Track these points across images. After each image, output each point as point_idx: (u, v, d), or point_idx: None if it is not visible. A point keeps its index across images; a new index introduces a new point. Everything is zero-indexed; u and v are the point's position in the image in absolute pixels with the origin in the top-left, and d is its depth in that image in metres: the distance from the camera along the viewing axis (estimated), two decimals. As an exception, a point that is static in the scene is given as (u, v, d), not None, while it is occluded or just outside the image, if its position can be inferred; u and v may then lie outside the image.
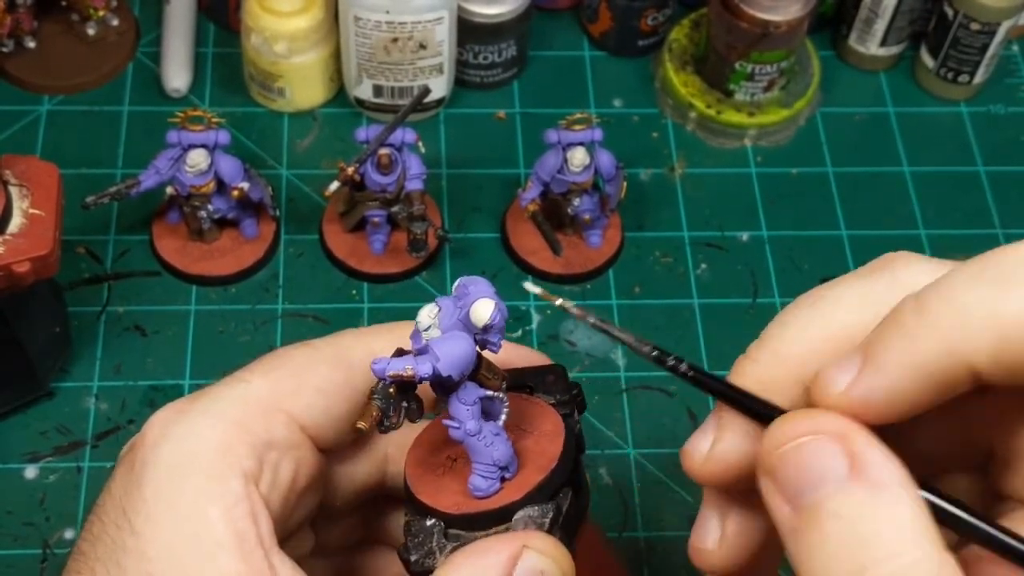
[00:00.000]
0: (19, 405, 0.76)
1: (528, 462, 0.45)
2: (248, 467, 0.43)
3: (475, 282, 0.42)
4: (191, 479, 0.42)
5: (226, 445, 0.43)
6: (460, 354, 0.42)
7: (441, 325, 0.42)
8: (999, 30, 0.89)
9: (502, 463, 0.44)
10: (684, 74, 0.92)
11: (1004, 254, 0.37)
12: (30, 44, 0.90)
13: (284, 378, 0.46)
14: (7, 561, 0.71)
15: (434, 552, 0.44)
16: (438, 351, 0.41)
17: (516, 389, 0.46)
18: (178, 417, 0.44)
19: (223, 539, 0.41)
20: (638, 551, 0.74)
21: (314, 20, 0.86)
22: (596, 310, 0.84)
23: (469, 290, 0.42)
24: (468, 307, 0.42)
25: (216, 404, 0.45)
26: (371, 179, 0.79)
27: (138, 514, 0.42)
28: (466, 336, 0.42)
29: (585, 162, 0.79)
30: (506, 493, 0.44)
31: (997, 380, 0.37)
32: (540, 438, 0.45)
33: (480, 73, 0.92)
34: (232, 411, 0.44)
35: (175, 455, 0.43)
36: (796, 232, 0.88)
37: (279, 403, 0.45)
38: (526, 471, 0.44)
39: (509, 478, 0.44)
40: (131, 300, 0.81)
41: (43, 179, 0.69)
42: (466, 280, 0.43)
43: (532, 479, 0.44)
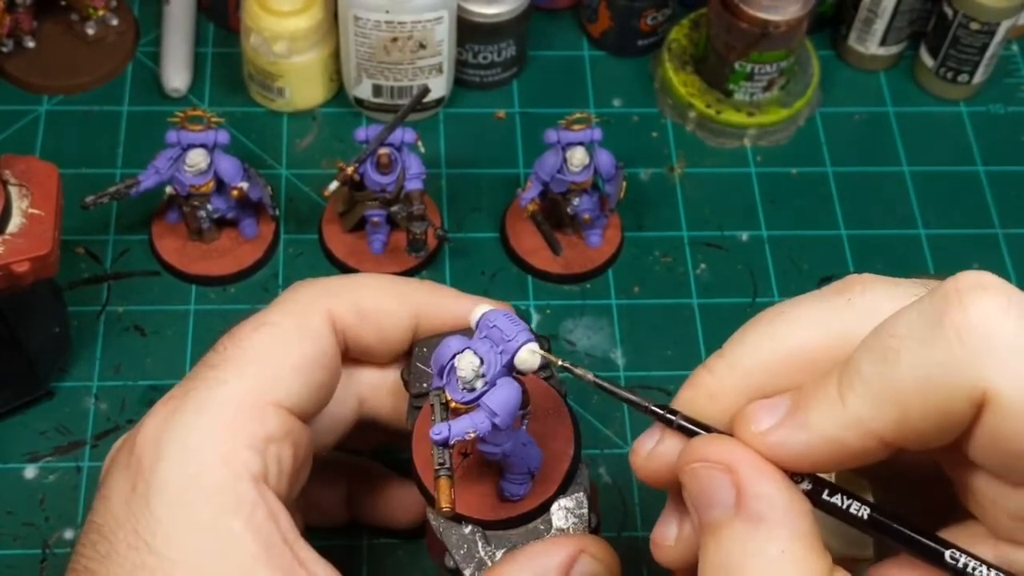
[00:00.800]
0: (19, 405, 0.76)
1: (543, 447, 0.45)
2: (254, 469, 0.43)
3: (505, 321, 0.42)
4: (204, 495, 0.42)
5: (227, 453, 0.43)
6: (514, 403, 0.42)
7: (486, 375, 0.42)
8: (999, 30, 0.89)
9: (535, 468, 0.44)
10: (684, 74, 0.92)
11: (891, 322, 0.38)
12: (29, 44, 0.90)
13: (260, 369, 0.46)
14: (7, 561, 0.71)
15: (485, 562, 0.44)
16: (495, 407, 0.41)
17: None
18: (169, 430, 0.44)
19: (252, 549, 0.42)
20: (638, 551, 0.74)
21: (313, 20, 0.86)
22: (595, 310, 0.85)
23: (504, 332, 0.42)
24: (512, 354, 0.41)
25: (204, 413, 0.44)
26: (370, 179, 0.79)
27: (155, 535, 0.42)
28: (514, 385, 0.42)
29: (585, 162, 0.79)
30: (537, 489, 0.44)
31: (909, 446, 0.38)
32: (546, 419, 0.45)
33: (479, 73, 0.92)
34: (222, 416, 0.44)
35: (180, 472, 0.43)
36: (796, 232, 0.88)
37: (264, 396, 0.45)
38: (546, 458, 0.45)
39: (536, 473, 0.45)
40: (131, 300, 0.81)
41: (42, 179, 0.69)
42: (491, 316, 0.42)
43: (558, 473, 0.44)
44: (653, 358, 0.81)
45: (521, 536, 0.45)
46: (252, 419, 0.45)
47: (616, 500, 0.76)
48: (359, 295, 0.49)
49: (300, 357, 0.47)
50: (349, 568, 0.70)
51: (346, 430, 0.54)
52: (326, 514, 0.62)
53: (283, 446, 0.45)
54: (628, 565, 0.73)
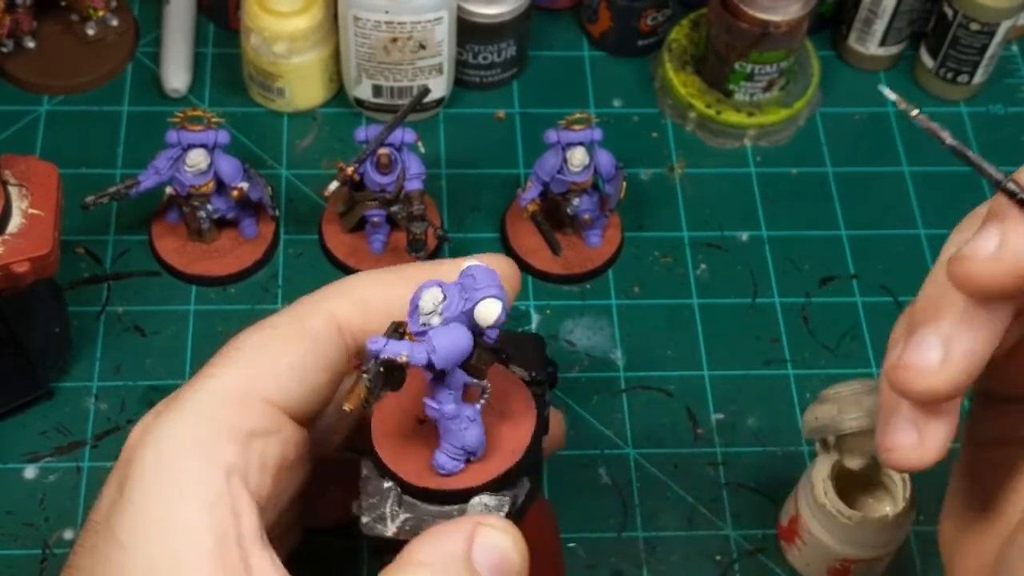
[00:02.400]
0: (19, 405, 0.76)
1: (495, 447, 0.44)
2: (231, 461, 0.43)
3: (483, 273, 0.42)
4: (171, 481, 0.42)
5: (204, 443, 0.43)
6: (457, 349, 0.41)
7: (444, 313, 0.41)
8: (999, 30, 0.89)
9: (471, 448, 0.43)
10: (684, 74, 0.92)
11: None
12: (29, 44, 0.90)
13: (252, 364, 0.46)
14: (7, 561, 0.71)
15: (385, 518, 0.43)
16: (436, 343, 0.41)
17: (493, 353, 0.45)
18: (155, 422, 0.44)
19: (205, 545, 0.41)
20: (638, 551, 0.74)
21: (313, 20, 0.86)
22: (595, 310, 0.85)
23: (477, 281, 0.42)
24: (474, 303, 0.41)
25: (189, 404, 0.44)
26: (370, 179, 0.79)
27: (123, 526, 0.42)
28: (466, 332, 0.41)
29: (585, 162, 0.79)
30: (468, 475, 0.44)
31: None
32: (511, 422, 0.44)
33: (480, 73, 0.92)
34: (206, 408, 0.44)
35: (155, 460, 0.43)
36: (796, 232, 0.88)
37: (252, 390, 0.45)
38: (492, 456, 0.44)
39: (475, 460, 0.44)
40: (131, 300, 0.81)
41: (42, 179, 0.69)
42: (474, 268, 0.42)
43: (495, 467, 0.43)
44: (653, 358, 0.81)
45: (433, 514, 0.44)
46: (235, 412, 0.44)
47: (616, 500, 0.76)
48: (363, 292, 0.49)
49: (298, 357, 0.46)
50: (349, 568, 0.70)
51: (351, 430, 0.54)
52: (328, 514, 0.62)
53: (269, 442, 0.44)
54: (628, 565, 0.74)
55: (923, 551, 0.75)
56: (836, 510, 0.68)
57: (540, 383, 0.47)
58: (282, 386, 0.46)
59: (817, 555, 0.71)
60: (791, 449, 0.78)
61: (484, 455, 0.44)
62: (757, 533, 0.75)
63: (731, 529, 0.75)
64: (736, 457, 0.78)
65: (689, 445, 0.78)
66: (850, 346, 0.83)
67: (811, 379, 0.81)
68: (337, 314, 0.47)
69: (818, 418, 0.68)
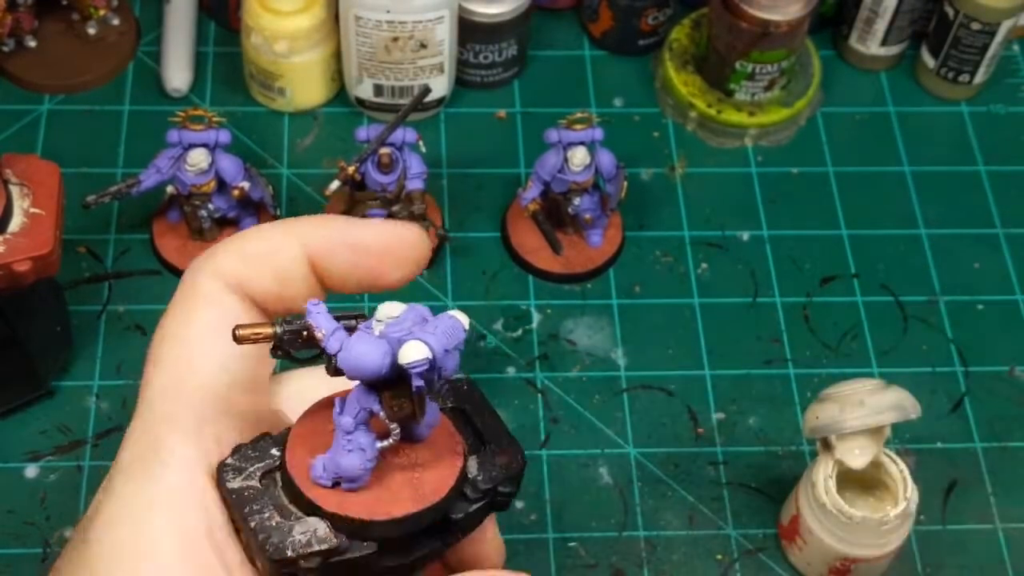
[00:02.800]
0: (20, 404, 0.76)
1: (381, 492, 0.41)
2: (187, 455, 0.42)
3: (446, 323, 0.39)
4: (133, 483, 0.42)
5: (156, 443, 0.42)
6: (363, 360, 0.39)
7: (387, 328, 0.39)
8: (1000, 30, 0.89)
9: (342, 472, 0.41)
10: (685, 73, 0.92)
11: None
12: (31, 43, 0.90)
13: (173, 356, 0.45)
14: (8, 560, 0.71)
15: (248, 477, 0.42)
16: (350, 344, 0.39)
17: (418, 401, 0.42)
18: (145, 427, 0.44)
19: (164, 539, 0.41)
20: (639, 550, 0.74)
21: (315, 19, 0.86)
22: (596, 310, 0.85)
23: (432, 325, 0.39)
24: (405, 339, 0.39)
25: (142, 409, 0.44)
26: (372, 178, 0.79)
27: (93, 518, 0.42)
28: (384, 353, 0.39)
29: (586, 161, 0.80)
30: (331, 497, 0.41)
31: None
32: (411, 486, 0.41)
33: (480, 72, 0.92)
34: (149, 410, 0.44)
35: (126, 461, 0.43)
36: (796, 232, 0.88)
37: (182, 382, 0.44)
38: (368, 496, 0.41)
39: (349, 488, 0.41)
40: (132, 299, 0.81)
41: (44, 178, 0.69)
42: (452, 314, 0.39)
43: (359, 509, 0.41)
44: (654, 358, 0.81)
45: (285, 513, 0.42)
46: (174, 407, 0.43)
47: (616, 500, 0.76)
48: (241, 243, 0.46)
49: (207, 328, 0.44)
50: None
51: None
52: None
53: (219, 425, 0.43)
54: (629, 564, 0.74)
55: (923, 551, 0.75)
56: (837, 509, 0.68)
57: (481, 492, 0.42)
58: (210, 366, 0.44)
59: (818, 554, 0.71)
60: (792, 448, 0.78)
61: (363, 490, 0.41)
62: (758, 532, 0.75)
63: (732, 528, 0.75)
64: (737, 456, 0.78)
65: (690, 444, 0.78)
66: (851, 345, 0.83)
67: (812, 378, 0.81)
68: (222, 270, 0.46)
69: (819, 417, 0.68)
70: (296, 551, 0.40)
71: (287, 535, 0.41)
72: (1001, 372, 0.83)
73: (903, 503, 0.68)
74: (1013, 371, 0.83)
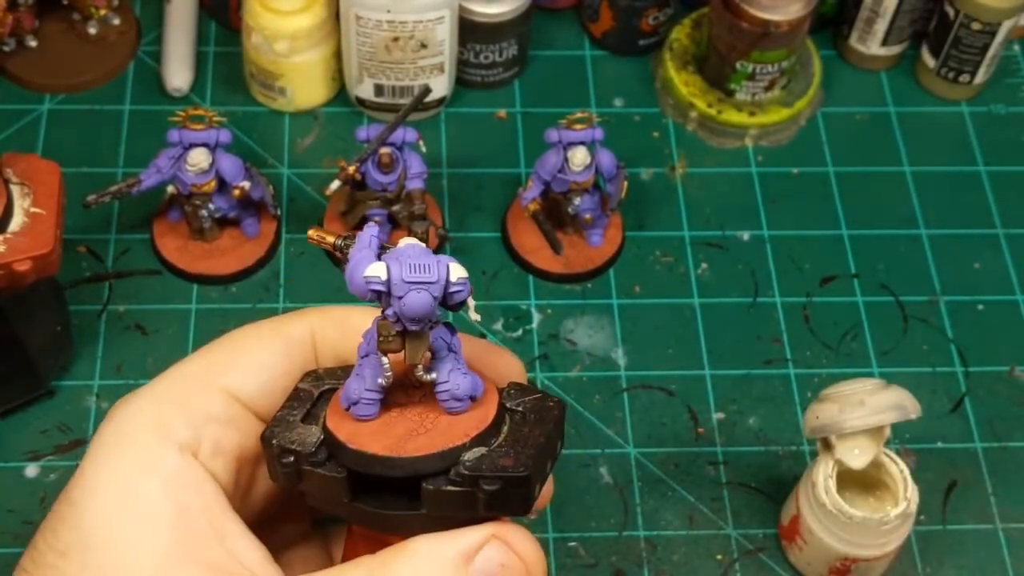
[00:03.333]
0: (20, 404, 0.76)
1: (376, 432, 0.43)
2: (183, 439, 0.44)
3: (428, 260, 0.42)
4: (126, 453, 0.43)
5: (159, 421, 0.44)
6: (350, 276, 0.41)
7: (384, 254, 0.42)
8: (1000, 30, 0.89)
9: (347, 395, 0.43)
10: (685, 73, 0.92)
11: None
12: (31, 43, 0.90)
13: (220, 354, 0.47)
14: (8, 560, 0.71)
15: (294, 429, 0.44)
16: (354, 261, 0.42)
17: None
18: (121, 402, 0.45)
19: (165, 511, 0.42)
20: (639, 550, 0.74)
21: (315, 19, 0.86)
22: (596, 310, 0.85)
23: (419, 261, 0.42)
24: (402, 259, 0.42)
25: (154, 385, 0.46)
26: (372, 178, 0.79)
27: (75, 487, 0.43)
28: (367, 257, 0.41)
29: (586, 161, 0.80)
30: (336, 418, 0.43)
31: None
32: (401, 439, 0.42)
33: (481, 72, 0.92)
34: (167, 390, 0.45)
35: (112, 434, 0.44)
36: (797, 232, 0.88)
37: (214, 378, 0.46)
38: (363, 430, 0.43)
39: (357, 417, 0.43)
40: (132, 299, 0.81)
41: (44, 178, 0.69)
42: (442, 258, 0.42)
43: (343, 433, 0.42)
44: (654, 358, 0.81)
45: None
46: (194, 396, 0.45)
47: (616, 500, 0.76)
48: (347, 314, 0.49)
49: (267, 355, 0.47)
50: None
51: None
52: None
53: (225, 429, 0.45)
54: (629, 564, 0.74)
55: (923, 551, 0.75)
56: (837, 509, 0.68)
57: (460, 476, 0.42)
58: (244, 380, 0.46)
59: (818, 554, 0.71)
60: (792, 448, 0.78)
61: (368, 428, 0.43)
62: (758, 532, 0.76)
63: (732, 528, 0.76)
64: (737, 456, 0.78)
65: (690, 444, 0.78)
66: (851, 345, 0.83)
67: (812, 378, 0.81)
68: (316, 327, 0.48)
69: (819, 417, 0.68)
70: (280, 443, 0.43)
71: (287, 431, 0.44)
72: (1001, 372, 0.83)
73: (903, 503, 0.68)
74: (1013, 371, 0.83)
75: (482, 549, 0.42)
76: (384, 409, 0.44)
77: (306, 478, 0.43)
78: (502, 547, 0.42)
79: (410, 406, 0.44)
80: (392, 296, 0.41)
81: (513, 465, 0.42)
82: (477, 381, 0.44)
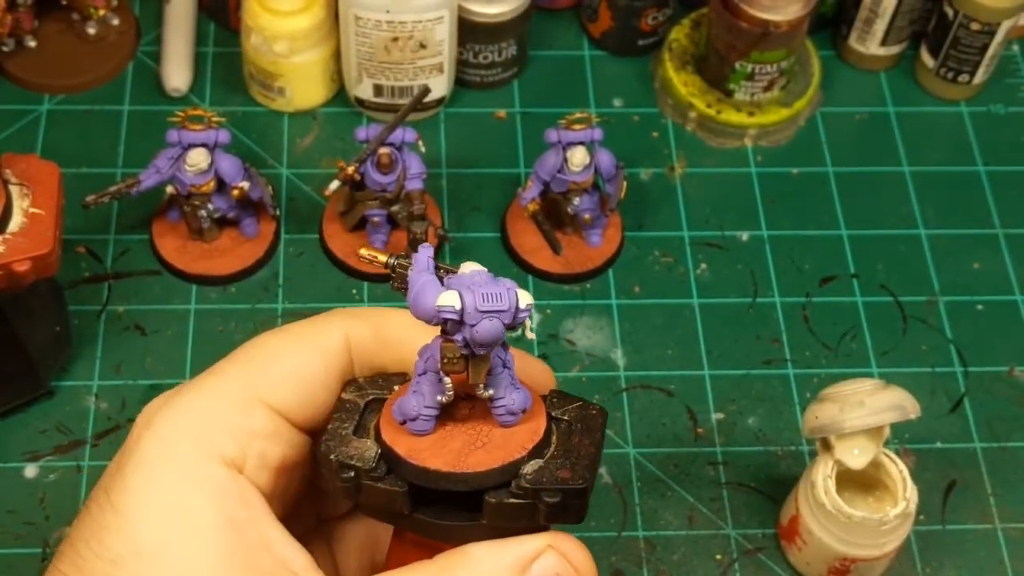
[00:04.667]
0: (19, 404, 0.76)
1: (434, 445, 0.44)
2: (229, 455, 0.44)
3: (498, 289, 0.42)
4: (174, 467, 0.43)
5: (203, 435, 0.44)
6: (416, 303, 0.42)
7: (450, 280, 0.42)
8: (999, 30, 0.89)
9: (403, 412, 0.44)
10: (684, 74, 0.92)
11: None
12: (31, 43, 0.90)
13: (257, 366, 0.47)
14: (7, 560, 0.71)
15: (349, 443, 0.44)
16: (415, 285, 0.42)
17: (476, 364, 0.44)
18: (161, 410, 0.45)
19: (215, 522, 0.42)
20: (638, 550, 0.74)
21: (314, 19, 0.86)
22: (596, 310, 0.85)
23: (490, 289, 0.42)
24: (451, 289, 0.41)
25: (194, 397, 0.45)
26: (371, 178, 0.79)
27: (120, 496, 0.43)
28: (433, 288, 0.42)
29: (585, 161, 0.80)
30: (393, 432, 0.44)
31: None
32: (461, 454, 0.44)
33: (480, 72, 0.92)
34: (209, 404, 0.45)
35: (155, 444, 0.44)
36: (796, 232, 0.88)
37: (253, 392, 0.46)
38: (422, 444, 0.44)
39: (413, 431, 0.44)
40: (131, 299, 0.81)
41: (43, 178, 0.69)
42: (510, 285, 0.42)
43: (403, 448, 0.43)
44: (653, 358, 0.81)
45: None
46: (238, 411, 0.45)
47: (616, 500, 0.76)
48: (384, 322, 0.49)
49: (305, 366, 0.47)
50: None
51: None
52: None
53: (269, 443, 0.45)
54: (629, 564, 0.74)
55: (923, 551, 0.75)
56: (836, 510, 0.68)
57: (522, 489, 0.43)
58: (283, 393, 0.47)
59: (817, 554, 0.71)
60: (791, 448, 0.78)
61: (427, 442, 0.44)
62: (757, 532, 0.76)
63: (731, 528, 0.76)
64: (736, 456, 0.78)
65: (689, 444, 0.78)
66: (850, 346, 0.83)
67: (811, 379, 0.81)
68: (352, 337, 0.48)
69: (818, 417, 0.68)
70: (338, 458, 0.44)
71: (342, 445, 0.44)
72: (1001, 372, 0.83)
73: (903, 503, 0.68)
74: (1013, 371, 0.83)
75: (538, 558, 0.43)
76: (437, 422, 0.45)
77: (365, 492, 0.44)
78: (558, 557, 0.44)
79: (462, 418, 0.45)
80: (464, 324, 0.42)
81: (572, 478, 0.43)
82: (527, 394, 0.45)
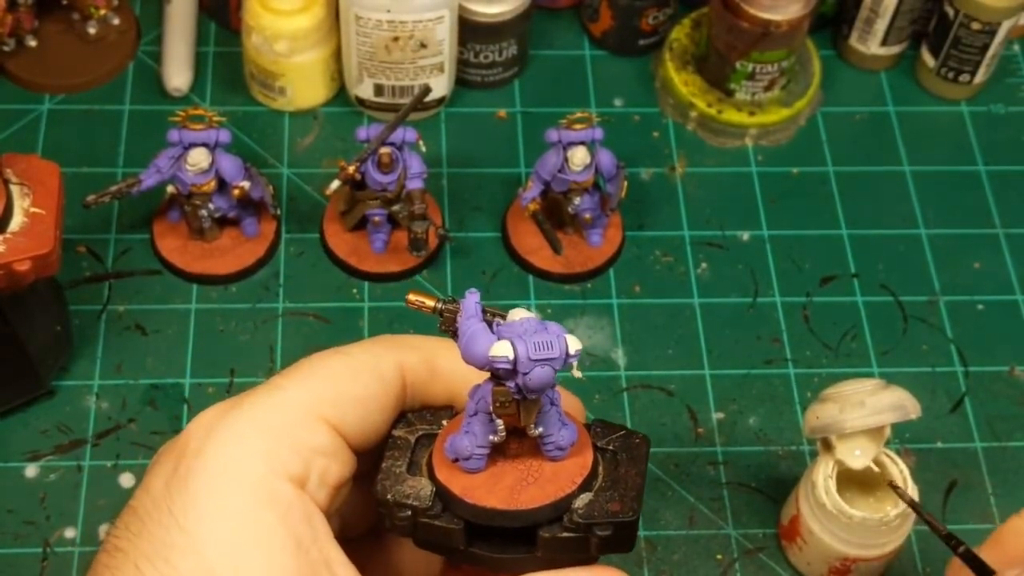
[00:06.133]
0: (20, 404, 0.76)
1: (488, 483, 0.45)
2: (294, 472, 0.45)
3: (549, 337, 0.42)
4: (243, 484, 0.44)
5: (269, 451, 0.45)
6: (468, 350, 0.43)
7: (500, 328, 0.43)
8: (1000, 30, 0.89)
9: (455, 451, 0.45)
10: (685, 73, 0.92)
11: None
12: (31, 43, 0.90)
13: (318, 384, 0.47)
14: (8, 560, 0.71)
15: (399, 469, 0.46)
16: (466, 333, 0.43)
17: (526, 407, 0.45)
18: (221, 422, 0.45)
19: (282, 542, 0.43)
20: (638, 551, 0.74)
21: (315, 19, 0.86)
22: (596, 310, 0.85)
23: (541, 337, 0.42)
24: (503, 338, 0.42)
25: (257, 411, 0.46)
26: (372, 178, 0.79)
27: (187, 514, 0.43)
28: (485, 338, 0.43)
29: (586, 161, 0.80)
30: (447, 471, 0.45)
31: None
32: (514, 490, 0.45)
33: (481, 72, 0.92)
34: (274, 420, 0.46)
35: (222, 459, 0.44)
36: (796, 232, 0.88)
37: (318, 411, 0.46)
38: (476, 481, 0.45)
39: (466, 469, 0.45)
40: (132, 299, 0.81)
41: (44, 178, 0.69)
42: (560, 332, 0.43)
43: (458, 487, 0.45)
44: (654, 357, 0.81)
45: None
46: (302, 428, 0.46)
47: (617, 499, 0.76)
48: (436, 353, 0.50)
49: (364, 390, 0.48)
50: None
51: None
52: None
53: (330, 463, 0.46)
54: (629, 566, 0.73)
55: (923, 551, 0.75)
56: (837, 510, 0.68)
57: (575, 523, 0.45)
58: (344, 414, 0.47)
59: (818, 554, 0.71)
60: (792, 448, 0.78)
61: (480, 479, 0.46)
62: (758, 532, 0.76)
63: (732, 528, 0.76)
64: (737, 456, 0.78)
65: (690, 444, 0.78)
66: (851, 345, 0.83)
67: (812, 378, 0.81)
68: (407, 367, 0.49)
69: (819, 417, 0.68)
70: (395, 498, 0.45)
71: (397, 484, 0.46)
72: (1001, 372, 0.83)
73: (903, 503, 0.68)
74: (1013, 371, 0.83)
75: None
76: (488, 459, 0.46)
77: (422, 529, 0.46)
78: None
79: (512, 455, 0.46)
80: (517, 372, 0.43)
81: (622, 510, 0.45)
82: (574, 428, 0.46)
